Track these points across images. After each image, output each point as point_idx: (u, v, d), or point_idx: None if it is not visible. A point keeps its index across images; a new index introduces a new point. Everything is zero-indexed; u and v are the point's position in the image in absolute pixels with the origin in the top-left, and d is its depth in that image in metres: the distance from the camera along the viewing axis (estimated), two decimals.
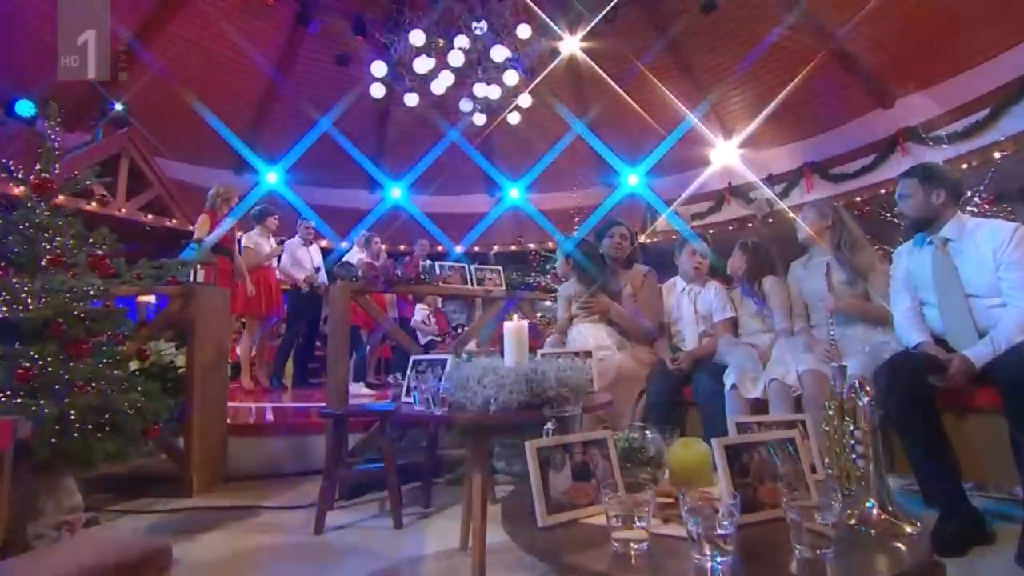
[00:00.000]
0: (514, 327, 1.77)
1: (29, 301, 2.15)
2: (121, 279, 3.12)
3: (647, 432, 1.46)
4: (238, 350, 5.27)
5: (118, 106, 9.11)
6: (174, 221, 9.49)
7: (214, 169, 11.88)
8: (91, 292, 2.35)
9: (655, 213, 11.02)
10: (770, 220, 9.46)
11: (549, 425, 1.42)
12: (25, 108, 8.56)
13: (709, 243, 2.98)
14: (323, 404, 3.97)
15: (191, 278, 3.04)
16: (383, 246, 6.17)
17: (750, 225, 9.79)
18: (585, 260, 2.79)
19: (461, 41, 5.12)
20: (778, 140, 10.81)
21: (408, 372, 2.06)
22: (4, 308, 2.07)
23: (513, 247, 11.99)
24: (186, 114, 10.48)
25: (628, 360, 2.63)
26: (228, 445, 3.27)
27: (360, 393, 4.93)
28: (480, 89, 5.61)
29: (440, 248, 12.10)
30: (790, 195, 9.30)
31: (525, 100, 6.02)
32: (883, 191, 7.95)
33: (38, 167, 2.32)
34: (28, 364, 1.99)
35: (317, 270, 5.97)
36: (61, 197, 6.75)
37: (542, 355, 2.12)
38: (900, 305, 2.25)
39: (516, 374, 1.62)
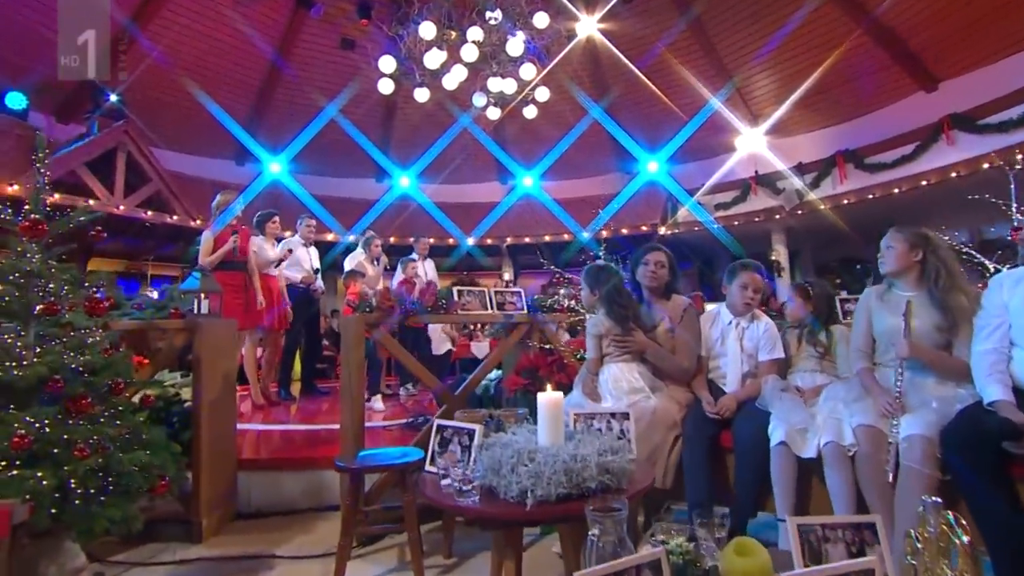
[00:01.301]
0: (549, 401, 1.66)
1: (23, 353, 2.07)
2: (121, 311, 3.05)
3: (701, 538, 1.35)
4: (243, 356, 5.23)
5: (113, 97, 9.01)
6: (175, 217, 9.44)
7: (215, 159, 11.81)
8: (89, 341, 2.27)
9: (676, 203, 10.80)
10: (799, 212, 9.21)
11: (594, 532, 1.31)
12: (16, 100, 8.48)
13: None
14: (335, 426, 3.94)
15: (195, 308, 2.95)
16: (380, 247, 6.04)
17: (777, 217, 9.56)
18: (615, 293, 2.65)
19: (475, 33, 4.93)
20: (808, 126, 10.52)
21: (432, 437, 1.96)
22: None
23: (527, 239, 11.85)
24: (184, 103, 10.38)
25: (664, 402, 2.52)
26: (238, 479, 3.22)
27: (374, 409, 4.87)
28: (495, 84, 5.42)
29: (451, 240, 12.00)
30: (821, 185, 9.04)
31: (542, 94, 5.83)
32: (924, 183, 7.69)
33: (26, 207, 2.22)
34: (24, 430, 1.91)
35: (316, 271, 5.90)
36: (57, 196, 6.65)
37: (575, 419, 2.01)
38: (982, 344, 2.02)
39: (554, 461, 1.51)
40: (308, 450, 3.55)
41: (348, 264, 6.07)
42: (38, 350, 2.14)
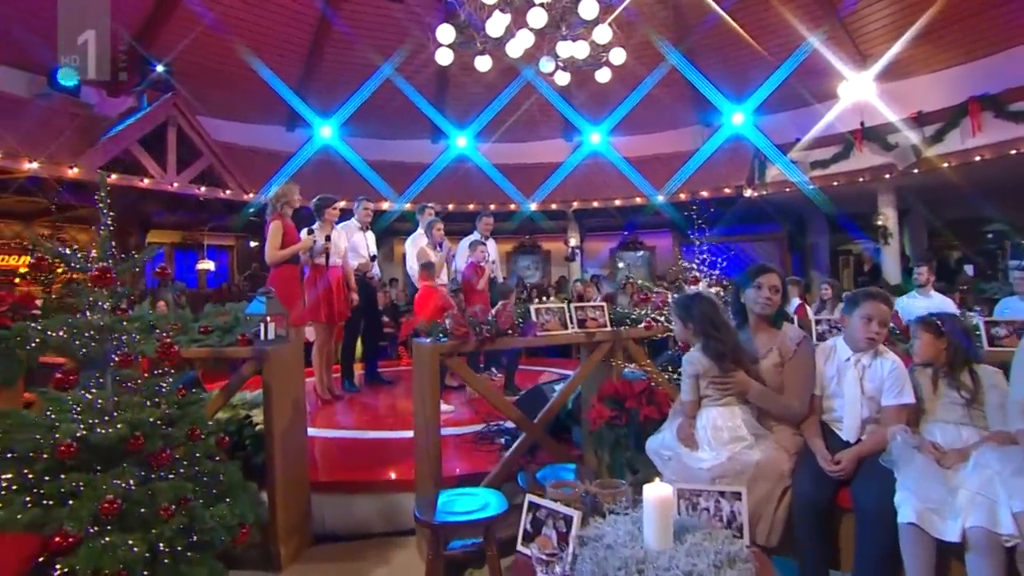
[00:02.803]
0: (658, 500, 1.58)
1: (100, 403, 2.18)
2: (188, 335, 3.17)
3: None
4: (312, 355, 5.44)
5: (159, 67, 9.26)
6: (228, 192, 9.77)
7: (265, 126, 12.06)
8: (163, 388, 2.37)
9: (765, 161, 10.18)
10: (915, 171, 8.47)
11: None
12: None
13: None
14: (405, 435, 4.03)
15: (262, 335, 3.03)
16: (442, 230, 5.98)
17: (887, 177, 8.83)
18: (710, 326, 2.48)
19: None
20: (932, 65, 9.51)
21: (524, 514, 1.93)
22: (82, 426, 2.10)
23: (595, 202, 11.57)
24: (232, 68, 10.57)
25: (769, 451, 2.38)
26: (312, 502, 3.36)
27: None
28: (565, 48, 5.16)
29: (512, 206, 11.87)
30: (946, 139, 8.20)
31: (618, 56, 5.51)
32: None
33: (93, 253, 2.29)
34: (112, 493, 2.02)
35: (372, 258, 5.95)
36: (113, 176, 6.97)
37: (679, 496, 1.92)
38: None
39: None
40: (380, 469, 3.64)
41: (410, 250, 6.10)
42: (116, 399, 2.25)
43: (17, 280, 9.45)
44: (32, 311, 2.79)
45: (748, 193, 10.17)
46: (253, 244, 13.11)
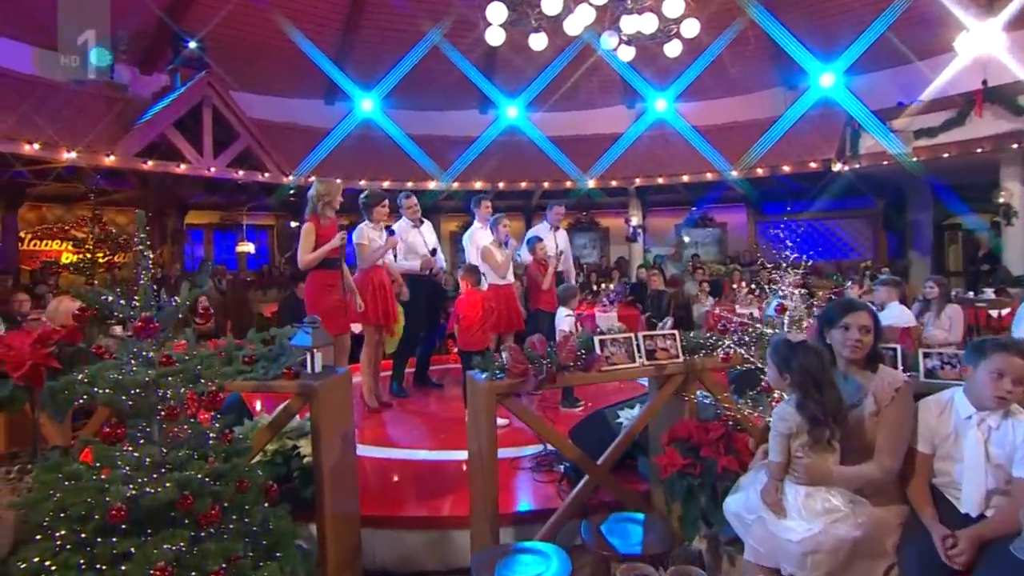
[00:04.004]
0: None
1: (148, 461, 2.28)
2: (234, 365, 3.27)
3: None
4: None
5: (192, 44, 9.48)
6: (266, 175, 10.00)
7: (302, 100, 12.23)
8: (211, 440, 2.45)
9: (858, 129, 9.61)
10: None
11: None
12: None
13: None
14: (458, 456, 4.09)
15: (309, 367, 3.09)
16: (507, 227, 5.96)
17: (1015, 146, 8.18)
18: (810, 383, 2.36)
19: None
20: None
21: None
22: (132, 487, 2.20)
23: (659, 178, 11.26)
24: (267, 40, 10.72)
25: (870, 523, 2.28)
26: (362, 535, 3.47)
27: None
28: (629, 22, 4.97)
29: (568, 183, 11.71)
30: None
31: (691, 27, 5.27)
32: None
33: (136, 301, 2.36)
34: (163, 560, 2.12)
35: (433, 252, 5.99)
36: (150, 163, 7.25)
37: None
38: None
39: None
40: (433, 501, 3.72)
41: (470, 248, 6.11)
42: (164, 452, 2.35)
43: (61, 272, 10.04)
44: (78, 345, 2.94)
45: (838, 168, 9.67)
46: (294, 224, 13.45)
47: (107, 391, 2.26)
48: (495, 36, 5.35)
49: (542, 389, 2.93)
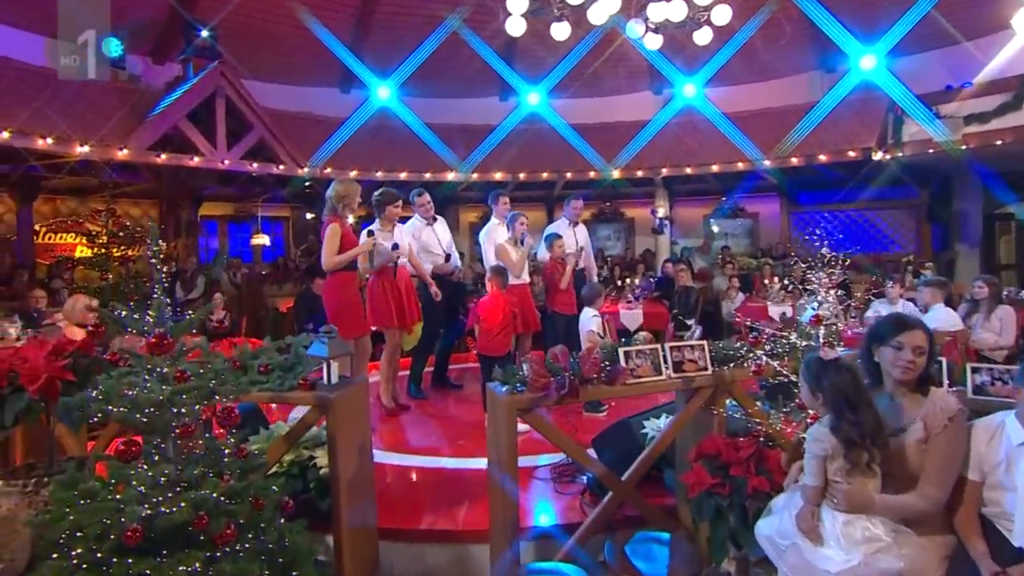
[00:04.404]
0: None
1: (163, 480, 2.33)
2: (248, 375, 3.32)
3: None
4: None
5: (204, 32, 9.55)
6: (281, 167, 10.08)
7: (317, 88, 12.30)
8: (226, 457, 2.50)
9: (902, 115, 9.39)
10: None
11: None
12: (112, 47, 9.26)
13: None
14: (478, 465, 4.10)
15: (326, 378, 3.13)
16: (525, 224, 5.97)
17: None
18: (843, 403, 2.30)
19: None
20: None
21: None
22: (147, 506, 2.24)
23: (688, 168, 11.12)
24: (280, 27, 10.78)
25: (913, 555, 2.23)
26: (380, 548, 3.51)
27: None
28: (656, 10, 4.90)
29: (592, 173, 11.64)
30: None
31: (722, 14, 5.17)
32: None
33: (149, 317, 2.40)
34: None
35: (447, 258, 6.00)
36: (163, 156, 7.34)
37: None
38: None
39: None
40: (452, 512, 3.74)
41: (486, 245, 6.11)
42: (179, 470, 2.40)
43: (76, 267, 10.25)
44: (93, 355, 3.00)
45: (878, 157, 9.46)
46: (309, 216, 13.56)
47: (122, 409, 2.31)
48: (516, 26, 5.32)
49: (564, 403, 2.91)
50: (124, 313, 2.44)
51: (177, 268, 11.00)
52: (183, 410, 2.38)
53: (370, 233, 5.08)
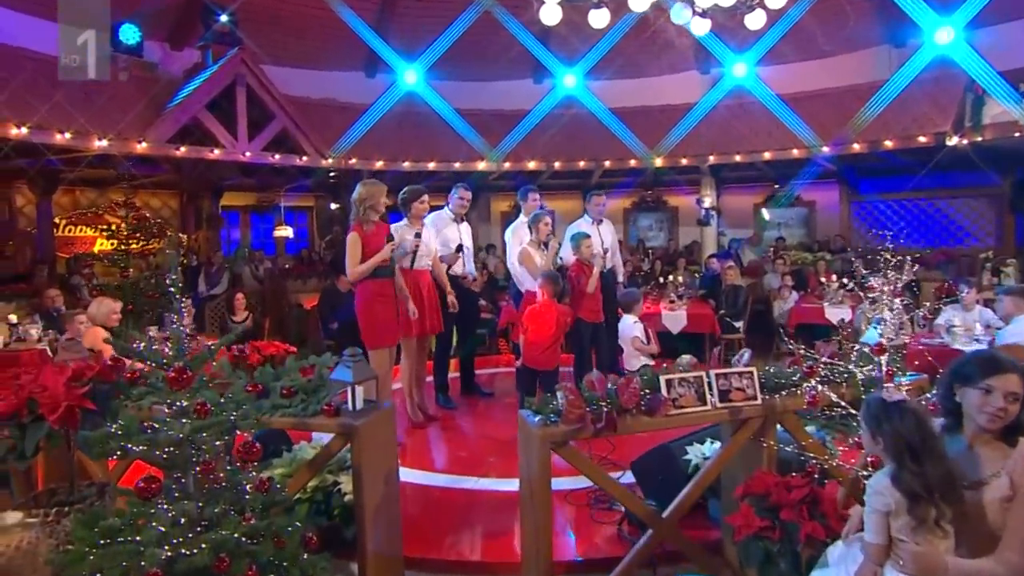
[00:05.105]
0: None
1: (184, 520, 2.40)
2: (271, 398, 3.39)
3: None
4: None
5: (223, 17, 9.68)
6: (304, 159, 10.21)
7: (341, 73, 12.38)
8: (247, 495, 2.56)
9: (982, 95, 9.02)
10: None
11: None
12: (130, 34, 9.47)
13: None
14: (510, 487, 4.11)
15: (350, 404, 3.17)
16: (550, 225, 5.93)
17: None
18: (905, 451, 2.22)
19: None
20: None
21: None
22: (167, 548, 2.32)
23: (737, 155, 10.91)
24: (300, 7, 10.86)
25: None
26: None
27: None
28: None
29: (633, 161, 11.52)
30: None
31: None
32: None
33: (168, 350, 2.46)
34: None
35: (459, 248, 5.98)
36: (183, 149, 7.50)
37: None
38: None
39: None
40: (480, 541, 3.79)
41: (512, 244, 6.11)
42: (201, 506, 2.46)
43: (95, 264, 10.57)
44: (114, 381, 3.10)
45: (953, 142, 9.14)
46: (334, 206, 13.72)
47: (141, 448, 2.39)
48: (551, 15, 5.28)
49: (601, 436, 2.90)
50: (143, 344, 2.51)
51: (199, 261, 11.27)
52: (203, 447, 2.45)
53: (389, 238, 5.09)
